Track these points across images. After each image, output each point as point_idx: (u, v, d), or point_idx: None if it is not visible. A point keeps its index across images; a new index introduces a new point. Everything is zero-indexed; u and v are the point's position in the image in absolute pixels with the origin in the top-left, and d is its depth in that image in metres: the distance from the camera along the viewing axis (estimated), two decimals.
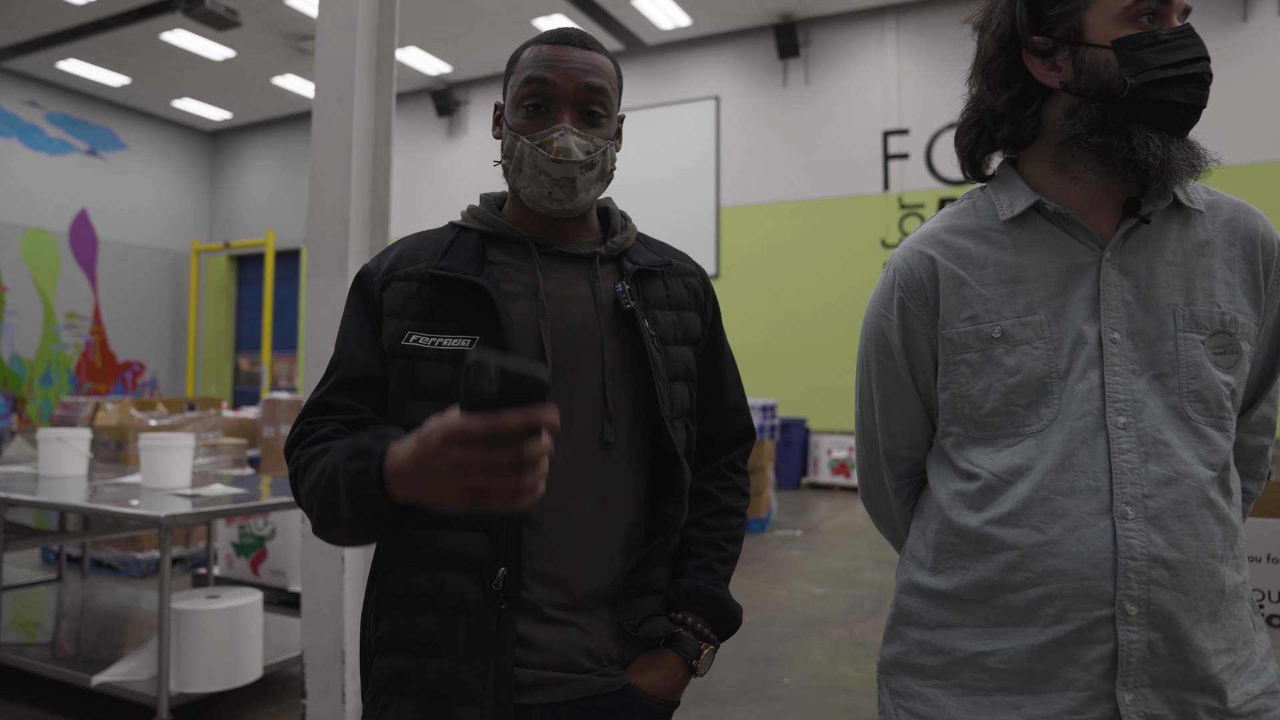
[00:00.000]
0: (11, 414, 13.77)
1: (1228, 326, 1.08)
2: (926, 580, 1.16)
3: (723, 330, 1.36)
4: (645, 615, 1.19)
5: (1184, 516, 1.02)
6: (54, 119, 14.59)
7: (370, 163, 3.00)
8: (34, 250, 14.22)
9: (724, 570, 1.27)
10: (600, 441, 1.17)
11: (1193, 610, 1.01)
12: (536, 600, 1.12)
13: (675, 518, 1.20)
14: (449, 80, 14.46)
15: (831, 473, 10.78)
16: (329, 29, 3.01)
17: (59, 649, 3.76)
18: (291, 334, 16.09)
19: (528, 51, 1.20)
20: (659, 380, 1.19)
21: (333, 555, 2.87)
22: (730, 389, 1.36)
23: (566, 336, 1.16)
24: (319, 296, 2.94)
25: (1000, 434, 1.11)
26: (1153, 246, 1.11)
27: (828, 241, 11.73)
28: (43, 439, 4.09)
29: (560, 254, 1.22)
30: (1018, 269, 1.13)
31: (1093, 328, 1.08)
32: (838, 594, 5.49)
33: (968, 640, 1.10)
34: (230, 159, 17.13)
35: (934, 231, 1.22)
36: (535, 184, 1.16)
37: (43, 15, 11.84)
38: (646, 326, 1.20)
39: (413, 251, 1.21)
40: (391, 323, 1.16)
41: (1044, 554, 1.05)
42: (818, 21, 12.01)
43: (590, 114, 1.18)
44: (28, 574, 5.25)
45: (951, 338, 1.15)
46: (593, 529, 1.15)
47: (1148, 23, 1.06)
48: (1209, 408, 1.06)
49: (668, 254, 1.32)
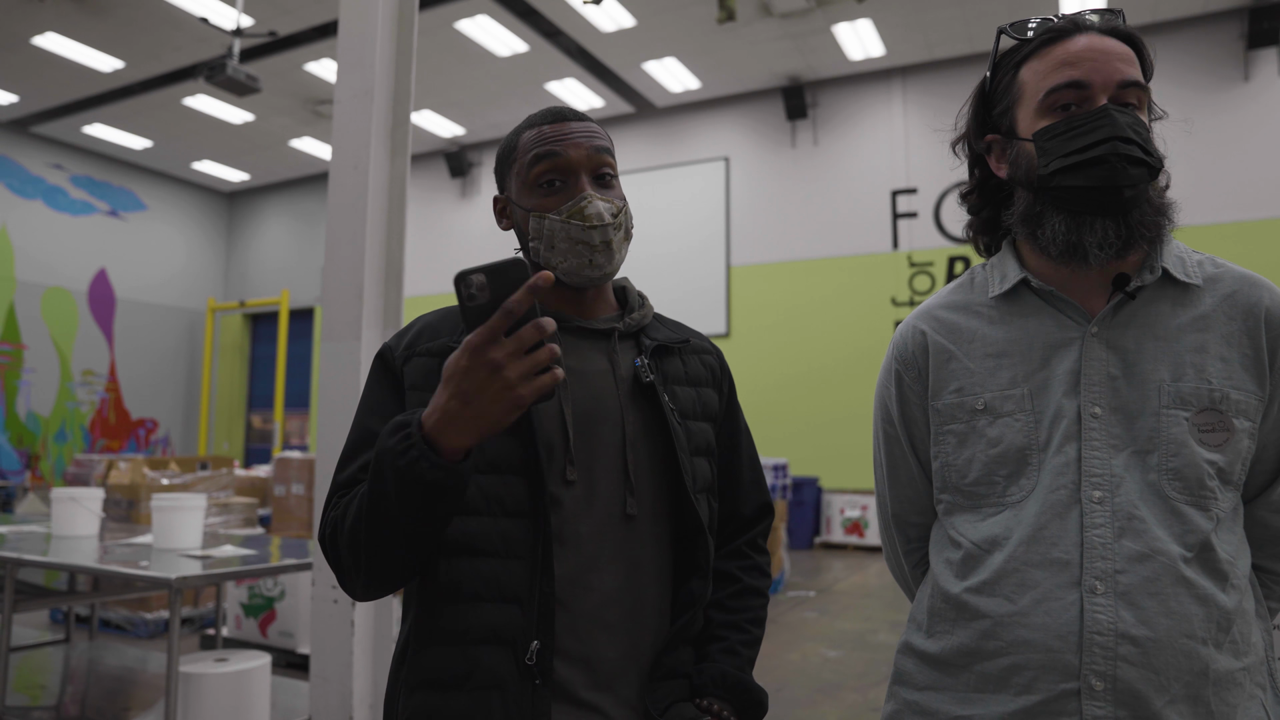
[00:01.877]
0: (25, 470, 13.82)
1: (1218, 404, 1.06)
2: (920, 643, 1.18)
3: (739, 407, 1.36)
4: (670, 700, 1.15)
5: (1155, 594, 1.01)
6: (78, 181, 14.92)
7: (385, 228, 3.05)
8: (53, 309, 14.42)
9: (748, 654, 1.23)
10: (623, 514, 1.16)
11: (1164, 690, 0.99)
12: (563, 680, 1.10)
13: (700, 592, 1.18)
14: (462, 142, 14.73)
15: (844, 532, 10.68)
16: (347, 97, 3.09)
17: (64, 711, 3.73)
18: (304, 392, 16.17)
19: (526, 136, 1.22)
20: (682, 453, 1.18)
21: (342, 619, 2.86)
22: (747, 466, 1.34)
23: (587, 409, 1.16)
24: (333, 359, 2.97)
25: (983, 503, 1.14)
26: (1143, 321, 1.11)
27: (838, 300, 11.78)
28: (56, 499, 4.10)
29: (578, 329, 1.22)
30: (1004, 343, 1.16)
31: (1073, 402, 1.09)
32: (851, 657, 5.40)
33: (950, 704, 1.11)
34: (247, 219, 17.42)
35: (930, 307, 1.28)
36: (574, 255, 1.17)
37: (72, 82, 12.20)
38: (666, 400, 1.20)
39: (433, 328, 1.22)
40: (414, 396, 1.16)
41: (1014, 624, 1.06)
42: (825, 83, 12.23)
43: (602, 177, 1.20)
44: (35, 634, 5.22)
45: (940, 409, 1.20)
46: (617, 604, 1.14)
47: (1074, 110, 1.10)
48: (1188, 486, 1.04)
49: (684, 332, 1.33)
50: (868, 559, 9.88)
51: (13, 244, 13.92)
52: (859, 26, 10.57)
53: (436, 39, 10.79)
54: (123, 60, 11.53)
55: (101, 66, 11.67)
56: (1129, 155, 1.05)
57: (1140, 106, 1.11)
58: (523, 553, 1.09)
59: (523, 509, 1.10)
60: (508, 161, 1.25)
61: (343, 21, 3.15)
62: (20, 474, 13.70)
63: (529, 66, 11.71)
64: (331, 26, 10.31)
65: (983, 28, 10.46)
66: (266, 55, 11.23)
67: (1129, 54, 1.11)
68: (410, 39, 3.13)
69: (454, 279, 0.88)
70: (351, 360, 2.93)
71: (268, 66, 11.47)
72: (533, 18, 10.42)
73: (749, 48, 11.17)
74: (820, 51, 11.29)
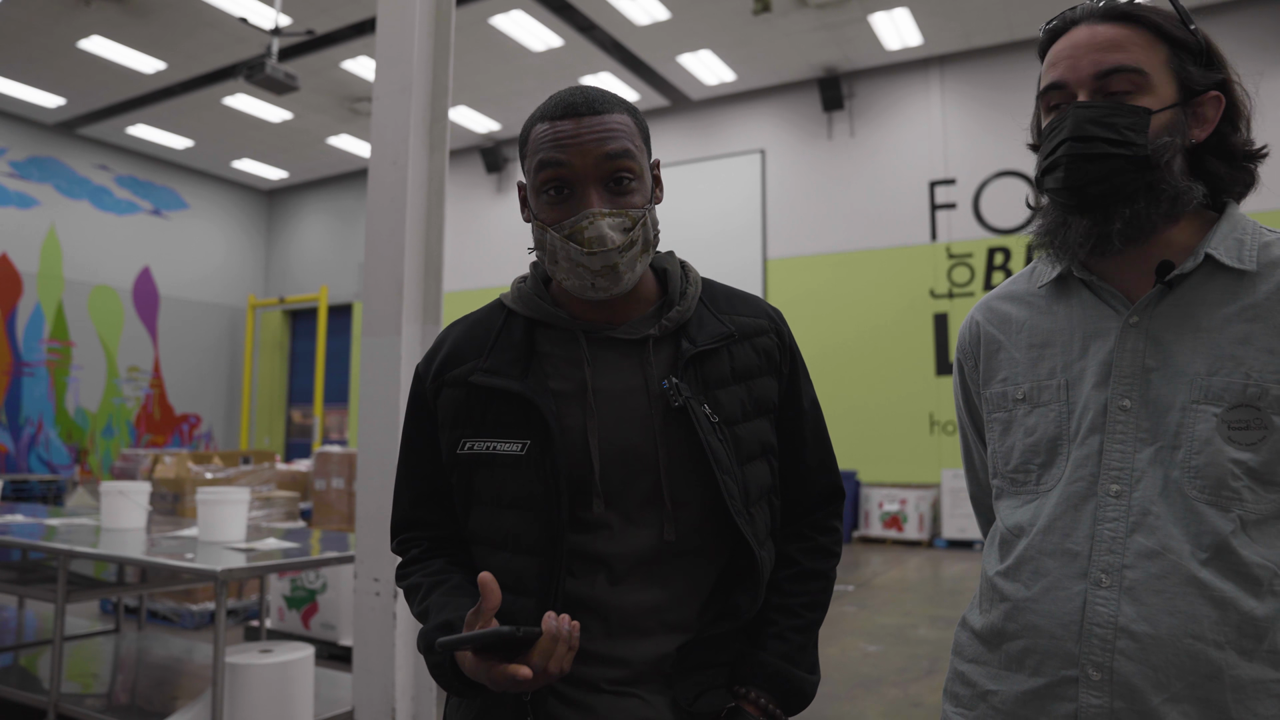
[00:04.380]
0: (75, 465, 14.15)
1: (1255, 400, 1.00)
2: (973, 618, 1.20)
3: (803, 385, 1.26)
4: (701, 690, 1.11)
5: (1161, 592, 1.00)
6: (122, 181, 15.22)
7: (424, 223, 3.07)
8: (99, 306, 14.74)
9: (798, 640, 1.17)
10: (660, 540, 1.12)
11: (1163, 688, 0.98)
12: (594, 678, 1.09)
13: (746, 608, 1.14)
14: (498, 138, 14.80)
15: (883, 526, 10.59)
16: (385, 94, 3.11)
17: (115, 700, 3.81)
18: (343, 387, 16.37)
19: (536, 129, 1.11)
20: (721, 474, 1.10)
21: (384, 612, 2.88)
22: (812, 449, 1.26)
23: (617, 435, 1.11)
24: (373, 353, 2.99)
25: (1021, 490, 1.15)
26: (1186, 310, 1.06)
27: (876, 292, 11.68)
28: (105, 492, 4.18)
29: (610, 340, 1.15)
30: (1049, 333, 1.16)
31: (1103, 393, 1.08)
32: (891, 652, 5.36)
33: (985, 678, 1.14)
34: (286, 217, 17.66)
35: (989, 297, 1.29)
36: (575, 276, 1.09)
37: (116, 84, 12.44)
38: (707, 413, 1.12)
39: (460, 350, 1.18)
40: (445, 433, 1.16)
41: (1027, 609, 1.09)
42: (861, 74, 12.11)
43: (618, 183, 1.08)
44: (86, 624, 5.34)
45: (989, 397, 1.22)
46: (655, 614, 1.12)
47: (1058, 111, 1.12)
48: (1209, 485, 1.00)
49: (736, 308, 1.23)
50: (906, 553, 9.79)
51: (61, 244, 14.24)
52: (896, 16, 10.45)
53: (472, 35, 10.84)
54: (164, 61, 11.73)
55: (144, 68, 11.89)
56: (1086, 154, 1.05)
57: (1136, 90, 1.07)
58: (533, 590, 1.08)
59: (537, 547, 1.09)
60: (523, 154, 1.15)
61: (381, 18, 3.17)
62: (70, 468, 14.03)
63: (564, 61, 11.73)
64: (368, 24, 10.40)
65: (1022, 16, 10.29)
66: (304, 54, 11.37)
67: (1119, 38, 1.08)
68: (448, 34, 3.14)
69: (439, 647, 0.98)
70: (392, 354, 2.95)
71: (306, 65, 11.61)
72: (567, 12, 10.43)
73: (784, 39, 11.08)
74: (856, 42, 11.18)
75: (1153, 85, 1.07)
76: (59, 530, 4.07)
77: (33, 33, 10.90)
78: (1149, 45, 1.08)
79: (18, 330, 13.67)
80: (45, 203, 14.09)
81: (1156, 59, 1.08)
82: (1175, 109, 1.08)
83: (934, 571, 8.59)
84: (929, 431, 11.13)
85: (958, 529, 10.25)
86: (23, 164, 13.86)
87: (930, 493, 10.63)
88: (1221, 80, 1.10)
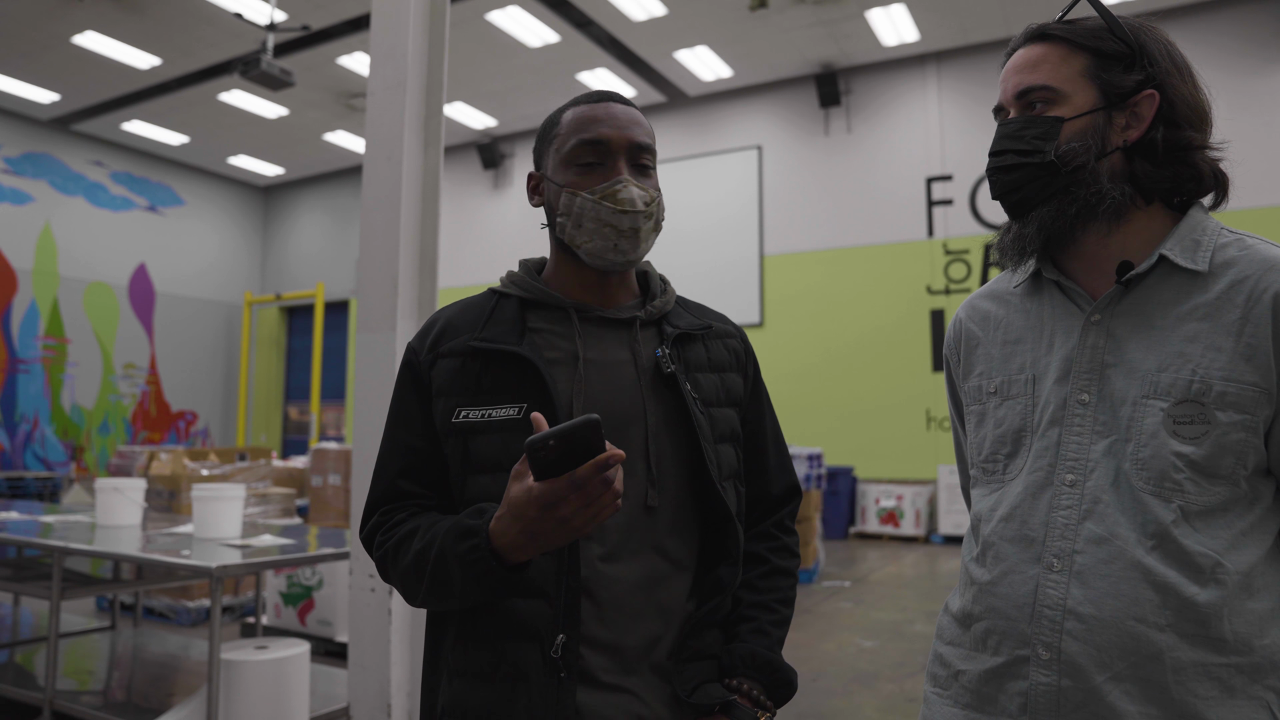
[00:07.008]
0: (70, 462, 14.13)
1: (1199, 395, 1.04)
2: (952, 602, 1.26)
3: (764, 390, 1.37)
4: (699, 681, 1.16)
5: (1107, 576, 1.05)
6: (117, 177, 15.17)
7: (419, 219, 3.06)
8: (95, 303, 14.71)
9: (777, 634, 1.24)
10: (644, 506, 1.17)
11: (1106, 667, 1.03)
12: (590, 666, 1.12)
13: (729, 579, 1.19)
14: (494, 134, 14.77)
15: (880, 522, 10.60)
16: (380, 89, 3.10)
17: (110, 696, 3.81)
18: (339, 384, 16.36)
19: (569, 114, 1.23)
20: (705, 442, 1.19)
21: (380, 608, 2.88)
22: (773, 448, 1.36)
23: (607, 403, 1.17)
24: (369, 350, 2.99)
25: (990, 479, 1.21)
26: (1142, 309, 1.11)
27: (872, 288, 11.68)
28: (100, 489, 4.18)
29: (600, 319, 1.23)
30: (1021, 330, 1.23)
31: (1064, 388, 1.14)
32: (887, 647, 5.37)
33: (958, 659, 1.19)
34: (282, 213, 17.62)
35: (974, 295, 1.36)
36: (599, 237, 1.17)
37: (111, 79, 12.40)
38: (689, 389, 1.21)
39: (454, 326, 1.23)
40: (440, 402, 1.19)
41: (989, 592, 1.15)
42: (858, 70, 12.10)
43: (641, 166, 1.21)
44: (82, 621, 5.33)
45: (966, 390, 1.29)
46: (643, 592, 1.15)
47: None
48: (1153, 477, 1.05)
49: (707, 316, 1.34)
50: (903, 549, 9.81)
51: (56, 240, 14.21)
52: (893, 12, 10.44)
53: (468, 30, 10.82)
54: (160, 57, 11.70)
55: (139, 64, 11.85)
56: (1001, 166, 1.16)
57: (1050, 104, 1.14)
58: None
59: None
60: (548, 138, 1.25)
61: (375, 14, 3.16)
62: (66, 465, 14.01)
63: (560, 57, 11.70)
64: (363, 19, 10.38)
65: (1019, 11, 10.28)
66: (300, 50, 11.33)
67: (1035, 58, 1.16)
68: (442, 30, 3.13)
69: (526, 447, 0.95)
70: (387, 351, 2.94)
71: (301, 61, 11.57)
72: (563, 8, 10.41)
73: (781, 35, 11.07)
74: (854, 38, 11.17)
75: (1065, 96, 1.14)
76: (54, 527, 4.07)
77: (27, 28, 10.87)
78: (1063, 59, 1.15)
79: (13, 327, 13.63)
80: (40, 199, 14.05)
81: (1071, 70, 1.14)
82: (1094, 114, 1.13)
83: (930, 567, 8.60)
84: (925, 427, 11.14)
85: (954, 524, 10.26)
86: (17, 160, 13.81)
87: (927, 488, 10.64)
88: (1150, 79, 1.12)
